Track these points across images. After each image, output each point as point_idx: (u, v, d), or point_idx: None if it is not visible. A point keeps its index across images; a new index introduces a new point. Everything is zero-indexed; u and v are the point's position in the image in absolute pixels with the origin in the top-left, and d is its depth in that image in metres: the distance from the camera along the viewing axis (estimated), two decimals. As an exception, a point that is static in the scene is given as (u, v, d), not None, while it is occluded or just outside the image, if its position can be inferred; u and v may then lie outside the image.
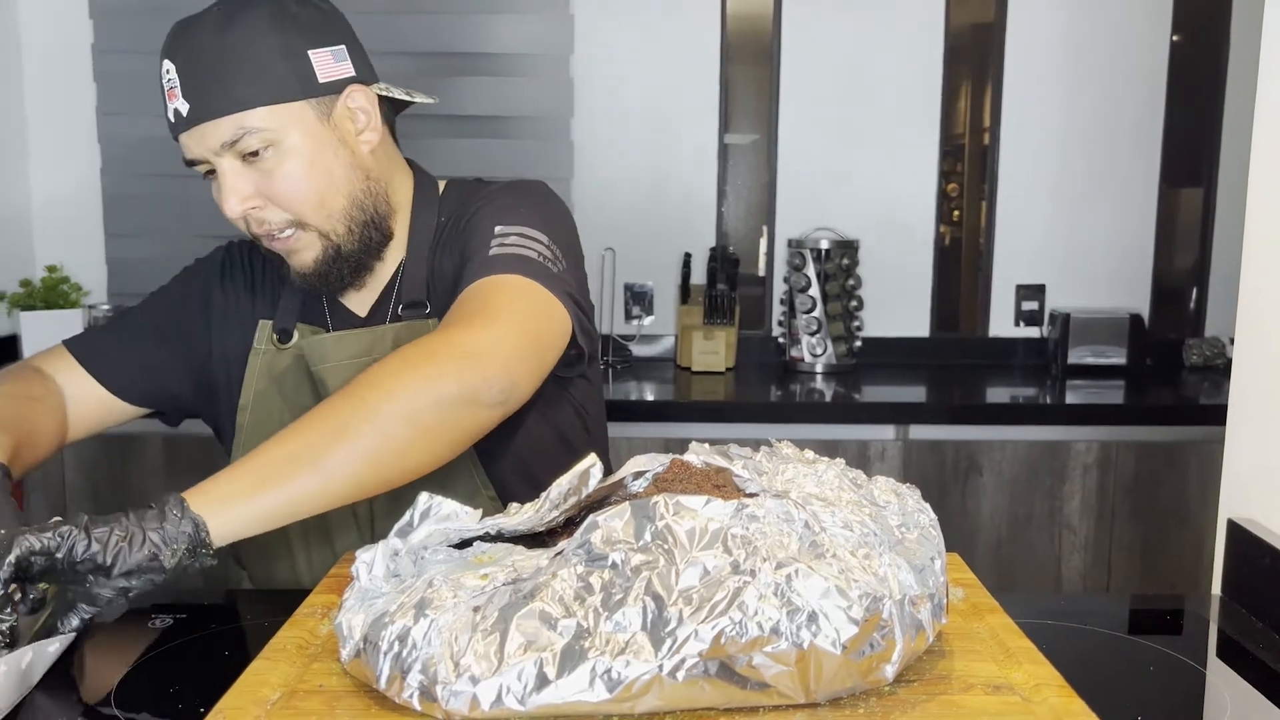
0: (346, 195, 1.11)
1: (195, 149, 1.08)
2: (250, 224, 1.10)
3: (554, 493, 0.83)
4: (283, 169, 1.07)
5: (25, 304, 2.57)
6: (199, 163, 1.09)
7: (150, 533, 0.83)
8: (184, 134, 1.08)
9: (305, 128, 1.07)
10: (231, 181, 1.07)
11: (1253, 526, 1.09)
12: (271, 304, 1.23)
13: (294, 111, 1.07)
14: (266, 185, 1.07)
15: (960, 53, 2.77)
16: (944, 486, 2.29)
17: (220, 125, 1.05)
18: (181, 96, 1.06)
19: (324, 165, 1.09)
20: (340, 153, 1.10)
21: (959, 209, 2.85)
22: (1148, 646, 0.96)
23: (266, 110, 1.05)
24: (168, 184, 2.74)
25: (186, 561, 0.85)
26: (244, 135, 1.05)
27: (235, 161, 1.07)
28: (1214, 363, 2.73)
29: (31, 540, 0.82)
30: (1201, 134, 2.76)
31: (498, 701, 0.66)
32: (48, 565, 0.83)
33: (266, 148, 1.06)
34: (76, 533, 0.83)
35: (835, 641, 0.67)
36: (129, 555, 0.83)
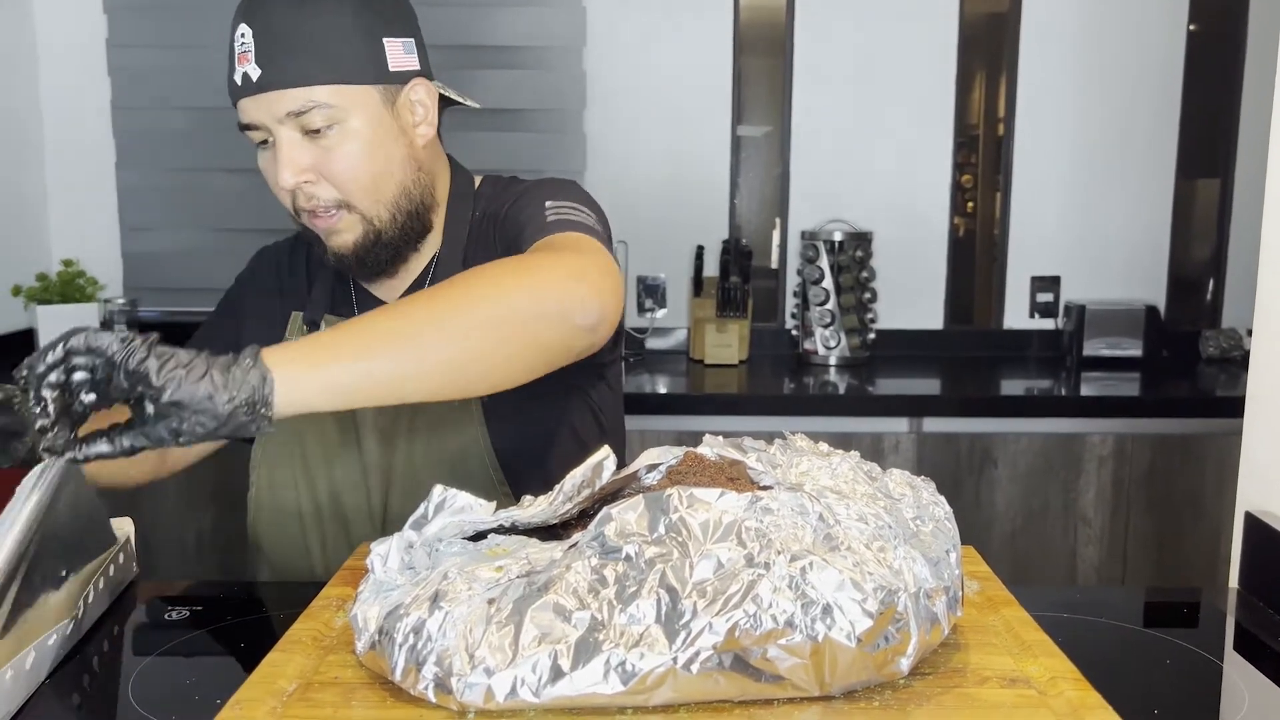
0: (398, 184, 1.12)
1: (257, 114, 1.08)
2: (298, 197, 1.10)
3: (567, 485, 0.83)
4: (343, 148, 1.07)
5: (41, 298, 2.59)
6: (255, 129, 1.09)
7: (214, 370, 0.77)
8: (248, 98, 1.08)
9: (370, 111, 1.08)
10: (289, 152, 1.07)
11: (1270, 519, 1.09)
12: (302, 297, 1.24)
13: (362, 94, 1.08)
14: (324, 162, 1.08)
15: (974, 43, 2.76)
16: (958, 479, 2.28)
17: (289, 95, 1.05)
18: (254, 61, 1.06)
19: (382, 151, 1.10)
20: (399, 141, 1.11)
21: (973, 200, 2.83)
22: (1164, 640, 0.96)
23: (337, 88, 1.06)
24: (183, 178, 2.76)
25: (244, 418, 0.77)
26: (312, 109, 1.05)
27: (295, 133, 1.07)
28: (1231, 355, 2.71)
29: (90, 336, 0.76)
30: (1218, 124, 2.74)
31: (512, 694, 0.66)
32: (99, 373, 0.77)
33: (330, 125, 1.07)
34: (137, 343, 0.76)
35: (850, 634, 0.67)
36: (184, 383, 0.76)
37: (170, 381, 0.76)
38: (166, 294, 2.78)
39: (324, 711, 0.70)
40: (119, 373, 0.76)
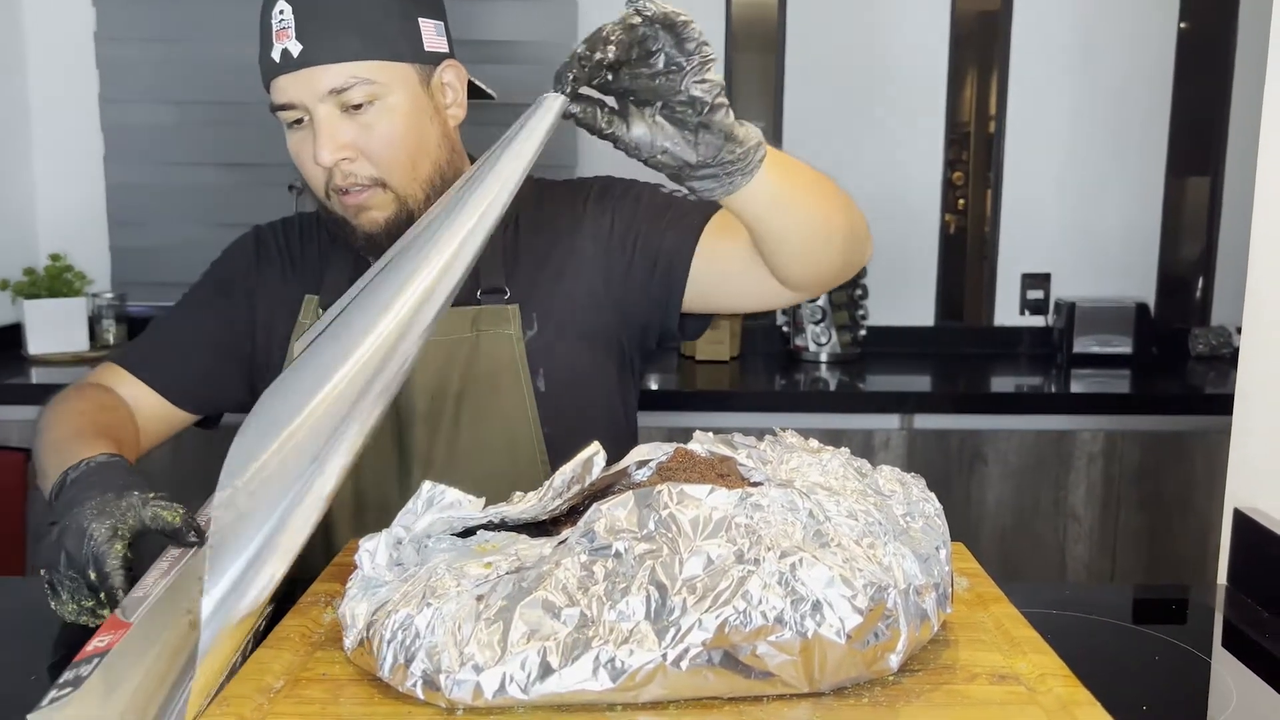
0: (433, 163, 1.13)
1: (295, 92, 1.08)
2: (334, 175, 1.10)
3: (557, 481, 0.82)
4: (382, 125, 1.09)
5: (29, 292, 2.57)
6: (290, 108, 1.09)
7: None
8: (287, 76, 1.07)
9: (409, 89, 1.10)
10: (329, 129, 1.08)
11: (1259, 516, 1.09)
12: (314, 280, 1.23)
13: (401, 71, 1.09)
14: (363, 138, 1.09)
15: (966, 40, 2.76)
16: (948, 476, 2.28)
17: (331, 71, 1.06)
18: (294, 38, 1.06)
19: (420, 129, 1.11)
20: (434, 120, 1.13)
21: (964, 197, 2.83)
22: (1153, 636, 0.96)
23: (378, 64, 1.07)
24: (172, 172, 2.74)
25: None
26: (354, 85, 1.06)
27: (334, 110, 1.08)
28: (1220, 352, 2.72)
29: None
30: (1209, 123, 2.75)
31: (501, 690, 0.66)
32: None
33: (370, 102, 1.08)
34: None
35: (840, 631, 0.67)
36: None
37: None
38: (155, 289, 2.76)
39: (312, 708, 0.70)
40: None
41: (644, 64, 0.78)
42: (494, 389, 1.16)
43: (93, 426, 1.08)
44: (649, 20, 0.76)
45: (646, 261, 1.18)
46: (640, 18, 0.76)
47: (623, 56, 0.76)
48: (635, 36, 0.76)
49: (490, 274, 1.18)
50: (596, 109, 0.81)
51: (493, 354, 1.16)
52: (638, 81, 0.79)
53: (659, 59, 0.77)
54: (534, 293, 1.19)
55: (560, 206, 1.23)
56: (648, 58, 0.77)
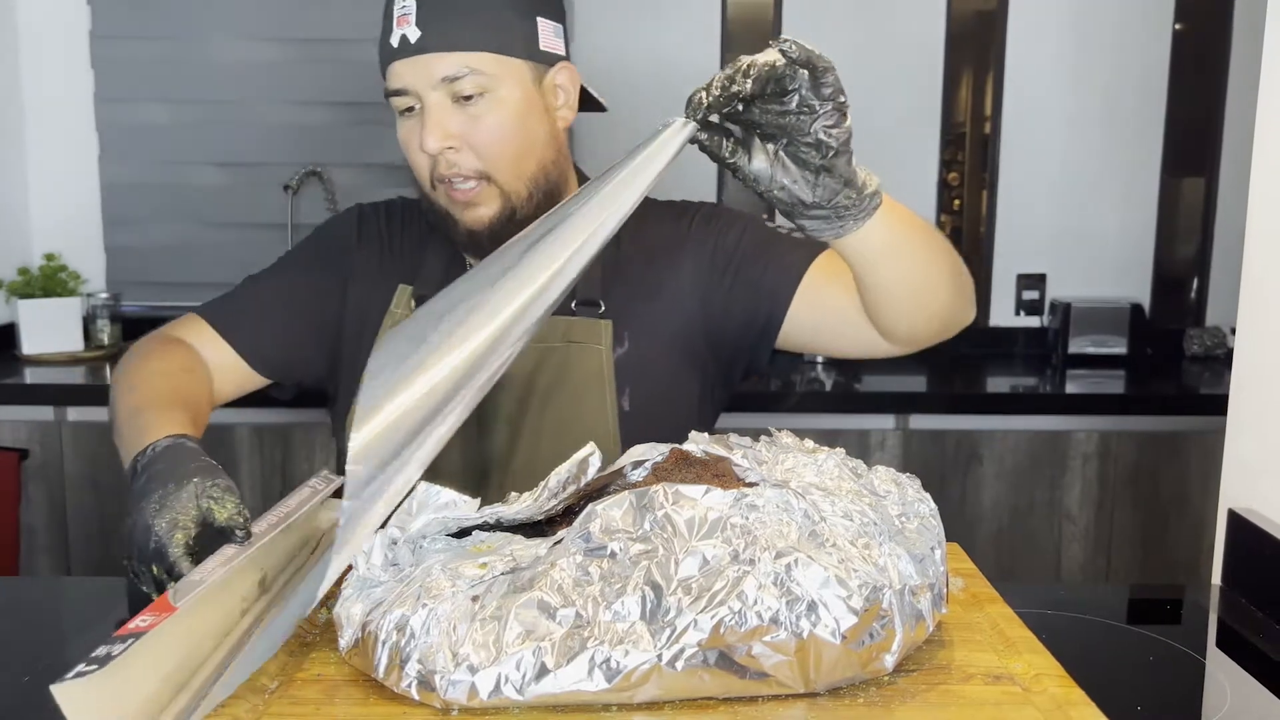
0: (538, 161, 1.14)
1: (409, 78, 1.09)
2: (439, 164, 1.10)
3: (553, 481, 0.82)
4: (492, 117, 1.09)
5: (23, 292, 2.56)
6: (403, 94, 1.10)
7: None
8: (403, 61, 1.08)
9: (521, 85, 1.11)
10: (439, 117, 1.08)
11: (1253, 516, 1.09)
12: (410, 270, 1.22)
13: (515, 66, 1.10)
14: (471, 129, 1.09)
15: (962, 40, 2.76)
16: (944, 476, 2.28)
17: (447, 59, 1.07)
18: (414, 24, 1.07)
19: (528, 125, 1.12)
20: (543, 119, 1.14)
21: (960, 198, 2.84)
22: (1147, 636, 0.96)
23: (493, 57, 1.08)
24: (167, 171, 2.73)
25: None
26: (467, 75, 1.07)
27: (446, 99, 1.08)
28: (1214, 352, 2.72)
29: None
30: (1204, 123, 2.75)
31: (496, 691, 0.66)
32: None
33: (481, 94, 1.08)
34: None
35: (835, 631, 0.67)
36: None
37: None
38: (149, 288, 2.76)
39: (306, 709, 0.70)
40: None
41: (777, 101, 0.78)
42: (579, 401, 1.15)
43: (169, 394, 1.06)
44: (791, 61, 0.76)
45: (745, 295, 1.17)
46: (784, 59, 0.76)
47: (758, 92, 0.77)
48: (775, 74, 0.76)
49: (587, 286, 1.17)
50: (722, 138, 0.82)
51: (581, 366, 1.15)
52: (767, 117, 0.79)
53: (793, 99, 0.78)
54: (628, 310, 1.17)
55: (664, 227, 1.22)
56: (782, 95, 0.78)
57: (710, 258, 1.19)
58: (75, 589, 1.26)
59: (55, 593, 1.20)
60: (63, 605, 1.10)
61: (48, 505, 2.24)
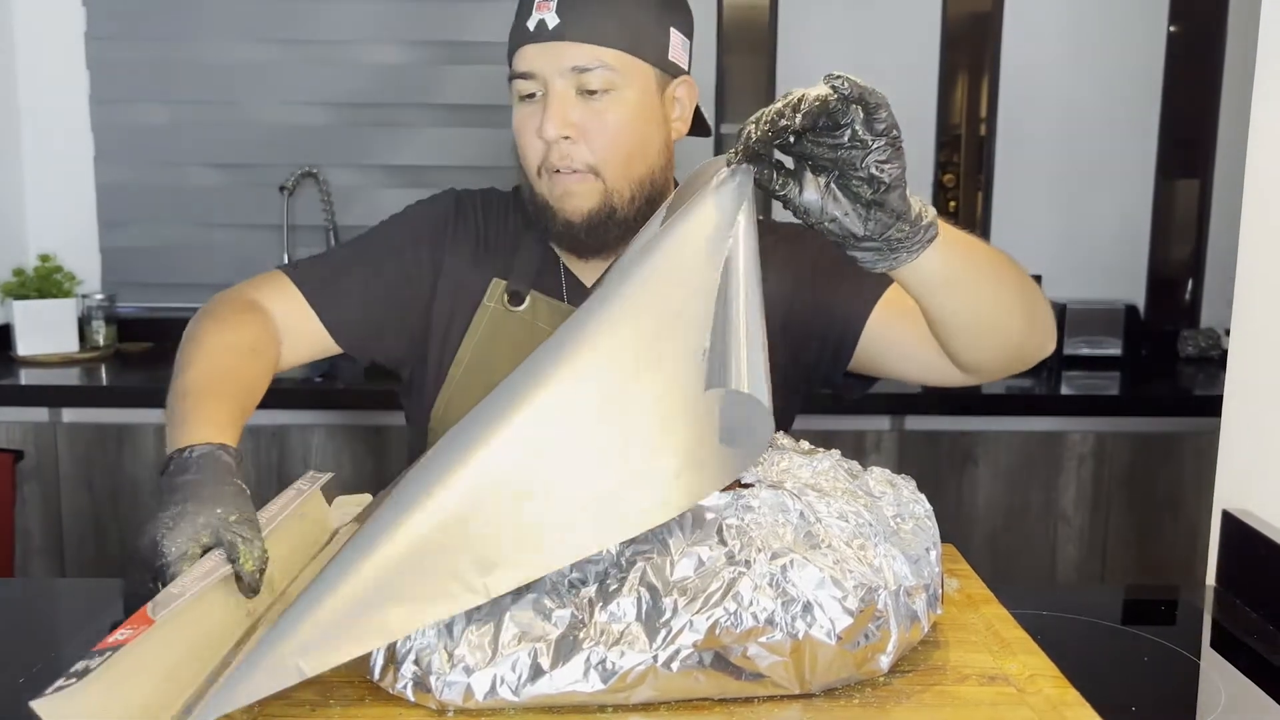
0: (647, 165, 1.15)
1: (539, 63, 1.10)
2: (552, 153, 1.11)
3: (549, 483, 0.82)
4: (612, 114, 1.10)
5: (18, 293, 2.56)
6: (529, 78, 1.11)
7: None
8: (536, 45, 1.10)
9: (644, 88, 1.12)
10: (561, 105, 1.09)
11: (1247, 517, 1.09)
12: (504, 263, 1.22)
13: (642, 69, 1.12)
14: (591, 123, 1.10)
15: (957, 42, 2.77)
16: (939, 477, 2.29)
17: (581, 49, 1.08)
18: (554, 10, 1.09)
19: (645, 128, 1.13)
20: (660, 127, 1.16)
21: (955, 199, 2.84)
22: (1142, 637, 0.97)
23: (625, 56, 1.10)
24: (162, 172, 2.73)
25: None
26: (597, 68, 1.08)
27: (571, 89, 1.10)
28: (1209, 354, 2.73)
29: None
30: (1198, 125, 2.76)
31: (491, 692, 0.66)
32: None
33: (607, 90, 1.10)
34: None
35: (830, 632, 0.67)
36: None
37: None
38: (145, 289, 2.75)
39: (302, 710, 0.70)
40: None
41: (829, 135, 0.77)
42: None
43: (226, 377, 1.02)
44: (844, 98, 0.75)
45: (822, 316, 1.17)
46: (836, 94, 0.75)
47: (809, 126, 0.76)
48: (826, 109, 0.76)
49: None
50: (773, 170, 0.81)
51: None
52: (819, 150, 0.78)
53: (845, 133, 0.77)
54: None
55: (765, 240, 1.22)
56: (834, 130, 0.77)
57: (795, 274, 1.18)
58: (70, 590, 1.25)
59: (50, 594, 1.20)
60: (57, 607, 1.09)
61: (42, 507, 2.24)
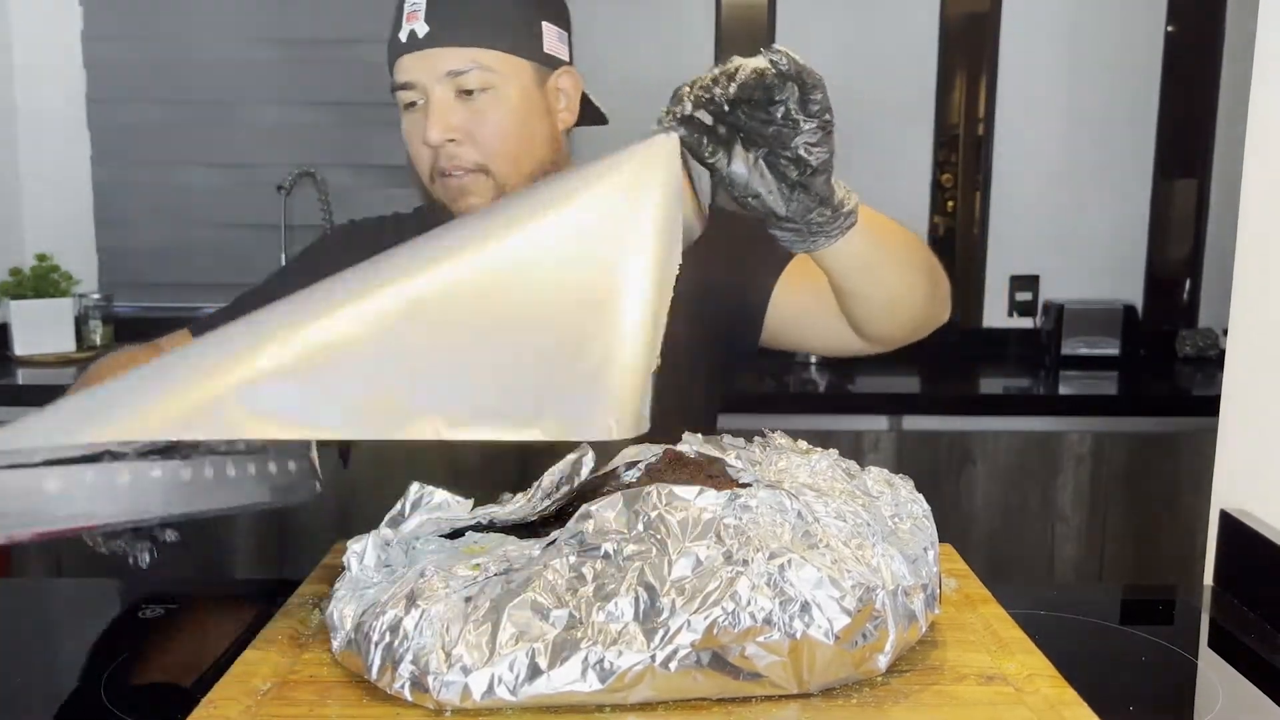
0: (538, 160, 1.16)
1: (416, 72, 1.11)
2: (440, 157, 1.13)
3: (546, 482, 0.82)
4: (493, 113, 1.12)
5: (15, 293, 2.56)
6: (409, 88, 1.12)
7: None
8: (411, 55, 1.11)
9: (523, 84, 1.14)
10: (442, 110, 1.11)
11: (1245, 517, 1.09)
12: None
13: (518, 66, 1.13)
14: (474, 124, 1.11)
15: (955, 42, 2.77)
16: (937, 477, 2.29)
17: (454, 54, 1.10)
18: (423, 19, 1.10)
19: (529, 124, 1.14)
20: (544, 120, 1.17)
21: (953, 199, 2.84)
22: (1140, 637, 0.97)
23: (499, 54, 1.11)
24: (159, 172, 2.73)
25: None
26: (472, 69, 1.10)
27: (450, 93, 1.11)
28: (1207, 354, 2.73)
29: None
30: (1196, 125, 2.76)
31: (489, 692, 0.65)
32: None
33: (484, 89, 1.11)
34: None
35: (828, 632, 0.67)
36: None
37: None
38: (142, 289, 2.75)
39: (299, 710, 0.69)
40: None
41: (763, 110, 0.78)
42: None
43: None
44: (780, 73, 0.76)
45: (732, 290, 1.18)
46: (774, 69, 0.76)
47: (743, 97, 0.77)
48: (761, 82, 0.76)
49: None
50: (704, 136, 0.81)
51: None
52: (751, 124, 0.79)
53: (779, 110, 0.77)
54: None
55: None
56: (768, 105, 0.77)
57: (706, 247, 1.19)
58: (66, 590, 1.25)
59: (46, 593, 1.20)
60: (53, 606, 1.09)
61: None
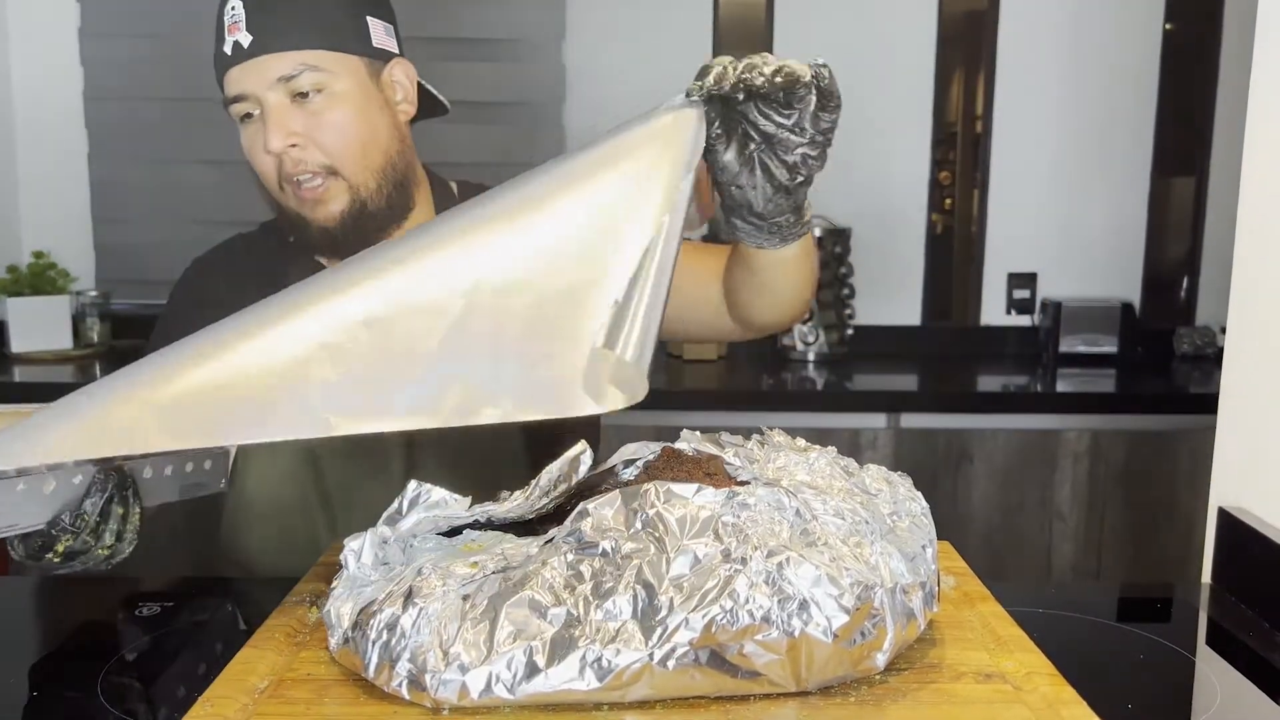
0: (383, 153, 1.15)
1: (247, 83, 1.10)
2: (285, 163, 1.12)
3: (544, 480, 0.82)
4: (331, 113, 1.11)
5: (12, 290, 2.55)
6: (242, 100, 1.11)
7: None
8: (238, 67, 1.10)
9: (357, 80, 1.13)
10: (279, 116, 1.10)
11: (1243, 515, 1.09)
12: (276, 289, 1.21)
13: (350, 62, 1.12)
14: (313, 126, 1.11)
15: (953, 40, 2.77)
16: (935, 475, 2.29)
17: (282, 59, 1.09)
18: (245, 29, 1.09)
19: (369, 118, 1.14)
20: (384, 112, 1.16)
21: (951, 197, 2.84)
22: (1138, 635, 0.97)
23: (326, 54, 1.11)
24: (156, 169, 2.73)
25: None
26: (303, 72, 1.09)
27: (284, 99, 1.10)
28: (1204, 352, 2.73)
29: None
30: (1194, 122, 2.76)
31: (487, 690, 0.65)
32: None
33: (318, 90, 1.10)
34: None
35: (826, 630, 0.67)
36: None
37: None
38: (139, 286, 2.75)
39: (296, 708, 0.69)
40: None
41: (780, 110, 0.80)
42: None
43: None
44: (816, 86, 0.78)
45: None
46: (811, 79, 0.78)
47: (770, 92, 0.79)
48: (794, 83, 0.78)
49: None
50: (717, 118, 0.84)
51: None
52: (762, 119, 0.81)
53: (793, 115, 0.80)
54: None
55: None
56: (785, 107, 0.80)
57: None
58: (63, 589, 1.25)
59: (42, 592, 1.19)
60: (50, 605, 1.09)
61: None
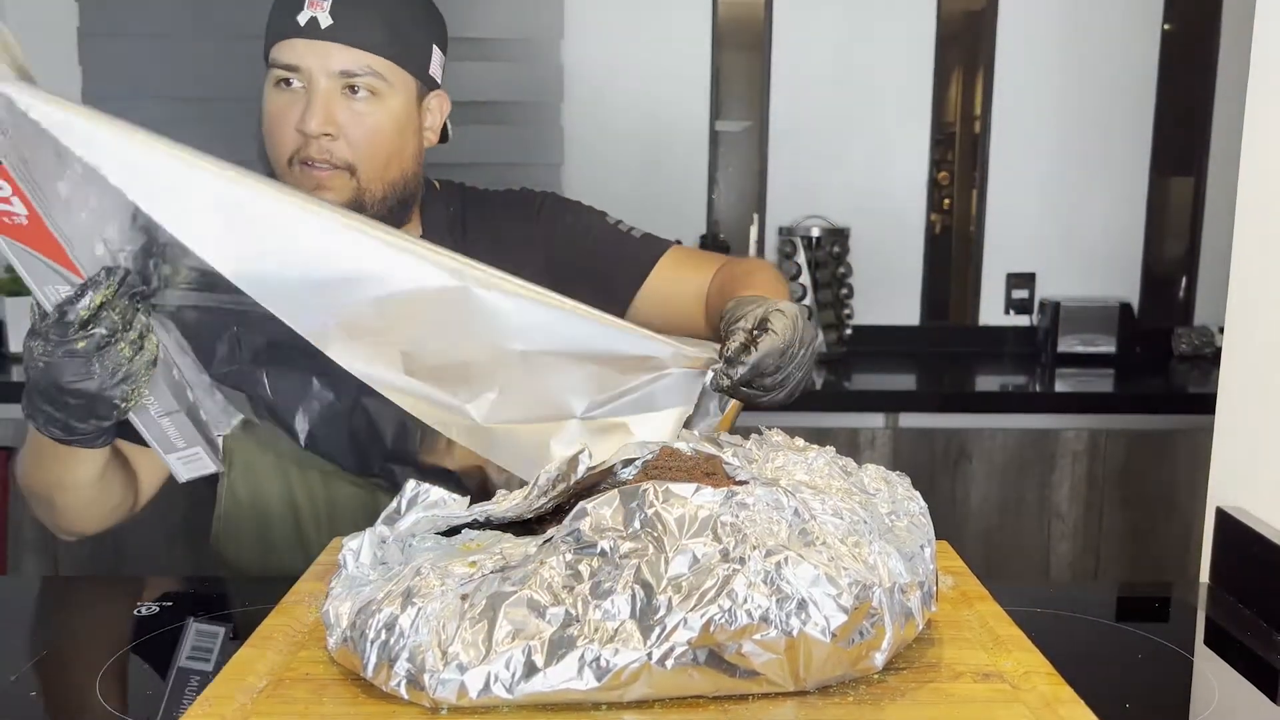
0: (401, 170, 1.19)
1: (309, 58, 1.12)
2: (311, 146, 1.13)
3: (543, 479, 0.82)
4: (374, 118, 1.14)
5: (11, 290, 2.55)
6: (294, 71, 1.12)
7: None
8: (306, 41, 1.11)
9: (406, 97, 1.17)
10: (327, 103, 1.12)
11: (1241, 515, 1.09)
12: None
13: (406, 79, 1.17)
14: (352, 123, 1.13)
15: (952, 40, 2.77)
16: (933, 474, 2.29)
17: (351, 54, 1.12)
18: (328, 11, 1.11)
19: (402, 134, 1.18)
20: (415, 134, 1.21)
21: (950, 197, 2.84)
22: (1136, 634, 0.97)
23: (392, 65, 1.15)
24: (155, 169, 2.72)
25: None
26: (365, 74, 1.12)
27: (336, 89, 1.12)
28: (1203, 351, 2.73)
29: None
30: (1192, 123, 2.76)
31: (485, 690, 0.65)
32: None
33: (371, 93, 1.14)
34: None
35: (825, 629, 0.67)
36: None
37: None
38: (139, 286, 2.74)
39: (295, 708, 0.69)
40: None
41: (768, 374, 0.99)
42: None
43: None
44: (802, 384, 1.02)
45: (593, 287, 1.18)
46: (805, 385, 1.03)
47: (763, 369, 0.99)
48: (782, 363, 0.99)
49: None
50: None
51: None
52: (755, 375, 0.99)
53: (775, 377, 0.99)
54: None
55: (513, 214, 1.31)
56: (775, 371, 0.99)
57: (557, 250, 1.29)
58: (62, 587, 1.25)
59: (42, 591, 1.19)
60: (49, 604, 1.09)
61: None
